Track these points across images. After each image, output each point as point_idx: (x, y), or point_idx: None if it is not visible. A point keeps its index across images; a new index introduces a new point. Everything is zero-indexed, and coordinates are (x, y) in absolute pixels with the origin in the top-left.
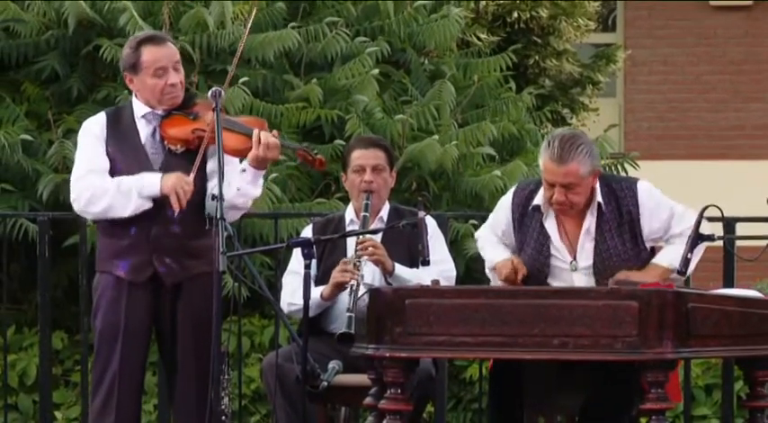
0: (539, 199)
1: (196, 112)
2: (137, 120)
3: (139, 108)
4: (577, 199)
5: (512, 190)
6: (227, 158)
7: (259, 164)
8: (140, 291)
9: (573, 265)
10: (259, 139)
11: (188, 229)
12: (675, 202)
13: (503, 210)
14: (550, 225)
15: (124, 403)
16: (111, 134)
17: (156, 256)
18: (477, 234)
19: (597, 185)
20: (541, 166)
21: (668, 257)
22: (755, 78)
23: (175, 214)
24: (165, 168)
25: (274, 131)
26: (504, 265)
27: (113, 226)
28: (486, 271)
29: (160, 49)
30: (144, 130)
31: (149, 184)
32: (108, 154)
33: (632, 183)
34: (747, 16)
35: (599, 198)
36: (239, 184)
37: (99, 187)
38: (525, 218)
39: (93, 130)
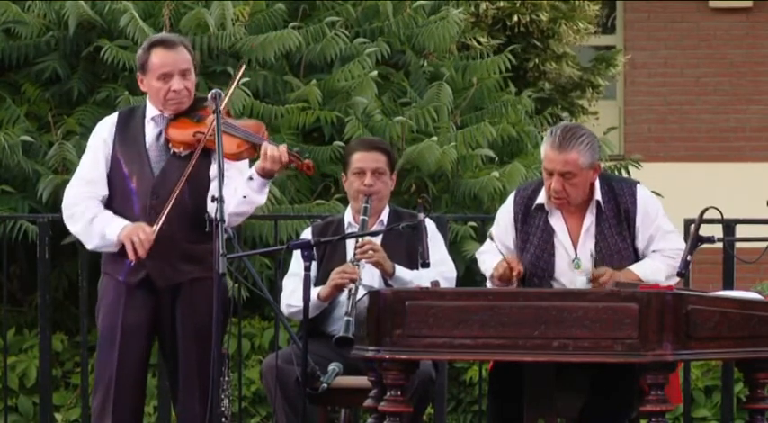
0: (541, 198)
1: (201, 114)
2: (146, 122)
3: (150, 110)
4: (574, 191)
5: (511, 195)
6: (228, 163)
7: (266, 174)
8: (139, 293)
9: (576, 263)
10: (266, 153)
11: (187, 233)
12: (667, 218)
13: (504, 214)
14: (555, 221)
15: (122, 406)
16: (119, 136)
17: (150, 258)
18: (480, 250)
19: (597, 183)
20: (543, 154)
21: (643, 270)
22: (755, 80)
23: (132, 263)
24: (165, 171)
25: (282, 146)
26: (498, 264)
27: None
28: (488, 284)
29: (168, 54)
30: (151, 133)
31: (113, 228)
32: (114, 156)
33: (632, 184)
34: (747, 18)
35: (598, 196)
36: (246, 192)
37: (79, 210)
38: (528, 217)
39: (102, 132)
